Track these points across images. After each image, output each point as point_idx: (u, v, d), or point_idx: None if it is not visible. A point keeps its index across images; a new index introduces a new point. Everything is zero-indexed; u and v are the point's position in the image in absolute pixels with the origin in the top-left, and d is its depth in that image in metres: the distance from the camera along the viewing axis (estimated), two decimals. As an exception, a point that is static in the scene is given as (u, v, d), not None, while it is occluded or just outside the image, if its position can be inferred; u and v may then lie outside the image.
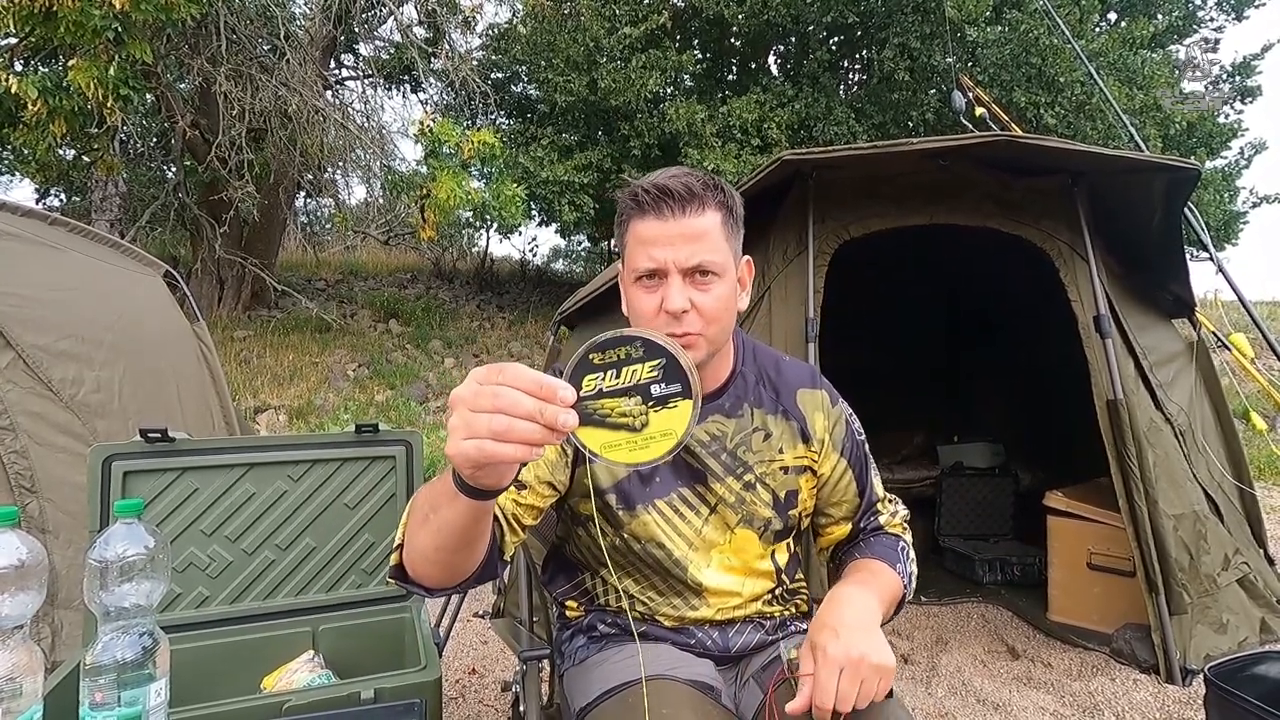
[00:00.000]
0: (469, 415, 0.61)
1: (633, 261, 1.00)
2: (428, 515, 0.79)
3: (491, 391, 0.60)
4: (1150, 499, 2.37)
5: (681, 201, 0.96)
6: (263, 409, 5.79)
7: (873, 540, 1.13)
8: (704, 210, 0.97)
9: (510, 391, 0.60)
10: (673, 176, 0.98)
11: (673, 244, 0.96)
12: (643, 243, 0.98)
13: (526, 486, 1.01)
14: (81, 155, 7.17)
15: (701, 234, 0.97)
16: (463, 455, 0.61)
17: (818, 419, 1.13)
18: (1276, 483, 5.30)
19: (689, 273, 0.97)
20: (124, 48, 4.73)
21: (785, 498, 1.11)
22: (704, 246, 0.97)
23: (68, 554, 1.68)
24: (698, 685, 1.02)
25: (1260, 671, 1.71)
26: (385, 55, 9.12)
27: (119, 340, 1.99)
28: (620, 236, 1.04)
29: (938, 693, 2.34)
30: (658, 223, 0.97)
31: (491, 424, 0.59)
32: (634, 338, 0.63)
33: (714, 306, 0.98)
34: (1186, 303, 2.87)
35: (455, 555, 0.81)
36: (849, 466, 1.14)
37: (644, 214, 0.98)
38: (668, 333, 0.94)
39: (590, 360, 0.61)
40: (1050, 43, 7.47)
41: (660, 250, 0.97)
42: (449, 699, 2.28)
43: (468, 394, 0.62)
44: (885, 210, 2.58)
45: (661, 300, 0.97)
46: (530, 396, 0.60)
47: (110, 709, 0.80)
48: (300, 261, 10.58)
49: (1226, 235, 9.87)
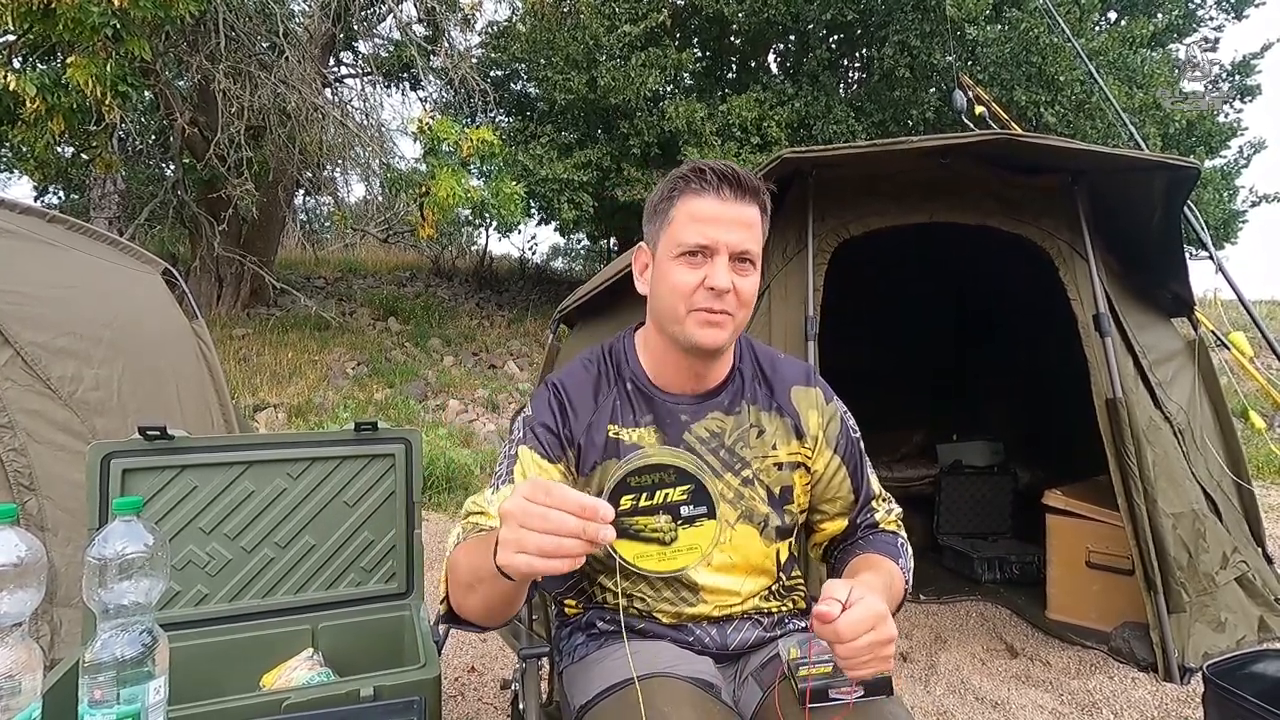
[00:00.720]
0: (520, 532, 0.70)
1: (680, 235, 1.02)
2: (473, 586, 0.87)
3: (540, 513, 0.69)
4: (1149, 498, 2.37)
5: (740, 189, 1.02)
6: (262, 407, 5.78)
7: (872, 537, 1.14)
8: (754, 202, 1.03)
9: (557, 514, 0.69)
10: (727, 166, 1.03)
11: (729, 226, 1.01)
12: (696, 219, 1.01)
13: None
14: (80, 153, 7.16)
15: (752, 223, 1.03)
16: (514, 568, 0.71)
17: (812, 416, 1.14)
18: (1275, 481, 5.31)
19: (736, 256, 1.02)
20: (123, 45, 4.72)
21: (780, 494, 1.12)
22: (752, 235, 1.03)
23: (66, 552, 1.68)
24: (697, 682, 1.02)
25: (1259, 670, 1.71)
26: (384, 53, 9.11)
27: (118, 338, 1.98)
28: (663, 211, 1.05)
29: (936, 691, 2.34)
30: (717, 202, 1.01)
31: (541, 543, 0.69)
32: (668, 466, 0.72)
33: (749, 293, 1.04)
34: (1186, 301, 2.88)
35: (505, 610, 0.91)
36: (843, 463, 1.15)
37: (702, 192, 1.01)
38: (705, 308, 1.00)
39: (628, 483, 0.71)
40: (1050, 41, 7.47)
41: (714, 229, 1.00)
42: (448, 697, 2.28)
43: (518, 511, 0.70)
44: (885, 208, 2.58)
45: (704, 277, 1.00)
46: (574, 517, 0.69)
47: (109, 706, 0.80)
48: (299, 259, 10.57)
49: (1226, 234, 9.88)
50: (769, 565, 1.14)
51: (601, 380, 1.12)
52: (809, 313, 2.43)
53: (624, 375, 1.12)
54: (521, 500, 0.70)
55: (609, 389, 1.11)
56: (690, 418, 1.09)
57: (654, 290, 1.08)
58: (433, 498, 4.53)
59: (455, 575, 0.93)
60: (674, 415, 1.09)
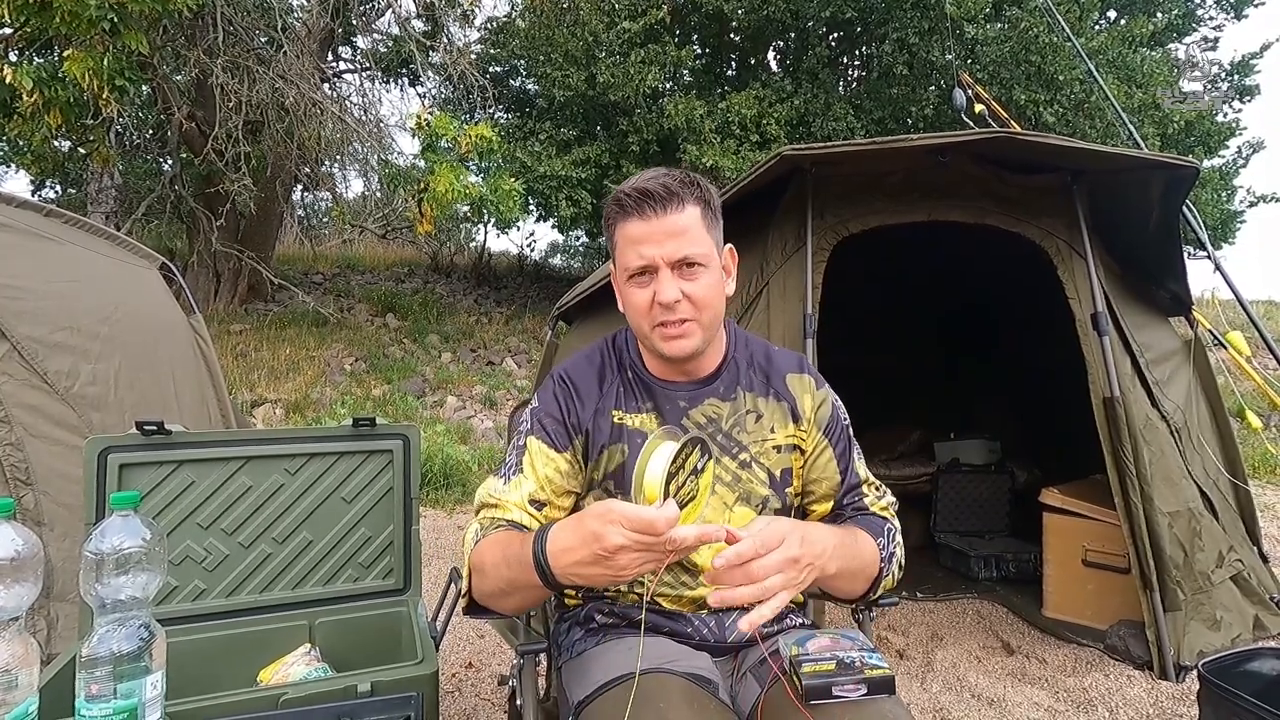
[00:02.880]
0: (612, 566, 0.81)
1: (624, 261, 1.06)
2: (509, 594, 0.96)
3: (636, 547, 0.78)
4: (1145, 496, 2.38)
5: (662, 201, 1.03)
6: (259, 403, 5.78)
7: (859, 518, 1.14)
8: (683, 206, 1.04)
9: (652, 540, 0.78)
10: (650, 179, 1.05)
11: (658, 241, 1.03)
12: (631, 242, 1.05)
13: (546, 504, 1.08)
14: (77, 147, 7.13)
15: (684, 229, 1.04)
16: (613, 583, 0.93)
17: (806, 400, 1.18)
18: (1270, 480, 5.33)
19: (676, 265, 1.04)
20: (120, 38, 4.69)
21: (781, 476, 1.14)
22: (687, 240, 1.04)
23: (63, 546, 1.67)
24: (695, 679, 1.02)
25: (1254, 668, 1.72)
26: (383, 48, 9.08)
27: (115, 333, 1.98)
28: (610, 240, 1.11)
29: (933, 688, 2.35)
30: (642, 223, 1.04)
31: (640, 568, 0.81)
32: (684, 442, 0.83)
33: (703, 294, 1.05)
34: (1184, 301, 2.88)
35: (537, 604, 1.04)
36: (830, 444, 1.17)
37: (628, 216, 1.05)
38: (661, 321, 1.05)
39: (671, 473, 0.81)
40: (1050, 40, 7.47)
41: (648, 248, 1.03)
42: (445, 693, 2.29)
43: (610, 547, 0.79)
44: (884, 206, 2.57)
45: (654, 294, 1.04)
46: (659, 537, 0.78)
47: (106, 701, 0.80)
48: (297, 255, 10.55)
49: (1224, 234, 9.90)
50: None
51: (605, 369, 1.17)
52: (808, 310, 2.42)
53: (625, 364, 1.17)
54: (633, 535, 0.78)
55: (612, 376, 1.16)
56: (688, 404, 1.13)
57: (624, 310, 1.12)
58: (430, 494, 4.53)
59: (485, 580, 0.98)
60: (673, 402, 1.13)
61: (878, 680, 0.96)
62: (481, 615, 1.03)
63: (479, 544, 1.01)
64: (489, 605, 1.01)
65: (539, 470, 1.09)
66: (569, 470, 1.10)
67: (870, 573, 1.05)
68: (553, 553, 0.85)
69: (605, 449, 1.11)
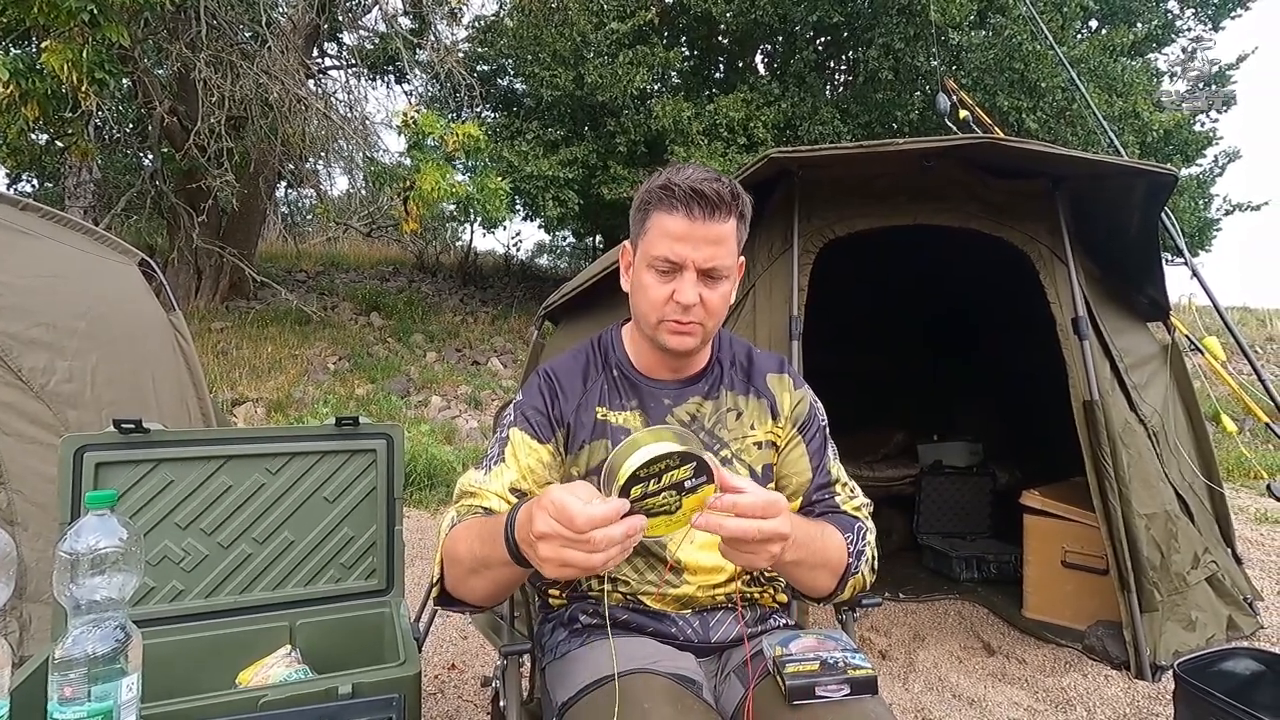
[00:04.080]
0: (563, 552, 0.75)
1: (652, 248, 1.05)
2: (478, 571, 0.93)
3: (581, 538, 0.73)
4: (1124, 498, 2.41)
5: (712, 207, 1.02)
6: (240, 401, 5.71)
7: (829, 515, 1.13)
8: (728, 217, 1.04)
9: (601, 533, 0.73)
10: (706, 180, 1.02)
11: (696, 244, 1.03)
12: (667, 235, 1.04)
13: (525, 494, 1.08)
14: (55, 140, 7.01)
15: (722, 239, 1.04)
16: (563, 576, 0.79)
17: (785, 398, 1.19)
18: (1245, 484, 5.43)
19: (702, 272, 1.04)
20: (100, 30, 4.61)
21: (762, 471, 1.15)
22: (721, 251, 1.04)
23: (37, 546, 1.64)
24: (678, 679, 1.02)
25: (1227, 667, 1.75)
26: (370, 45, 9.01)
27: (92, 329, 1.94)
28: (640, 220, 1.09)
29: (915, 688, 2.37)
30: (685, 220, 1.02)
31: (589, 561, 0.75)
32: (673, 453, 0.79)
33: (718, 304, 1.07)
34: (1162, 306, 2.93)
35: (509, 590, 0.99)
36: (804, 440, 1.18)
37: (673, 208, 1.03)
38: (674, 320, 1.06)
39: (637, 475, 0.78)
40: (1033, 48, 7.57)
41: (683, 247, 1.03)
42: (428, 694, 2.27)
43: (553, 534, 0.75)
44: (870, 210, 2.59)
45: (673, 291, 1.04)
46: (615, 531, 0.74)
47: (80, 704, 0.78)
48: (280, 252, 10.44)
49: (1200, 241, 10.07)
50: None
51: (590, 367, 1.18)
52: (793, 312, 2.44)
53: (611, 362, 1.18)
54: (554, 524, 0.74)
55: (597, 374, 1.17)
56: (672, 401, 1.14)
57: (633, 292, 1.12)
58: (414, 494, 4.50)
59: (456, 560, 0.97)
60: (657, 399, 1.14)
61: (861, 680, 0.97)
62: (452, 607, 1.02)
63: (454, 529, 1.00)
64: (460, 593, 0.99)
65: (521, 460, 1.09)
66: (551, 462, 1.11)
67: (835, 568, 1.03)
68: (519, 521, 0.83)
69: (586, 444, 1.11)
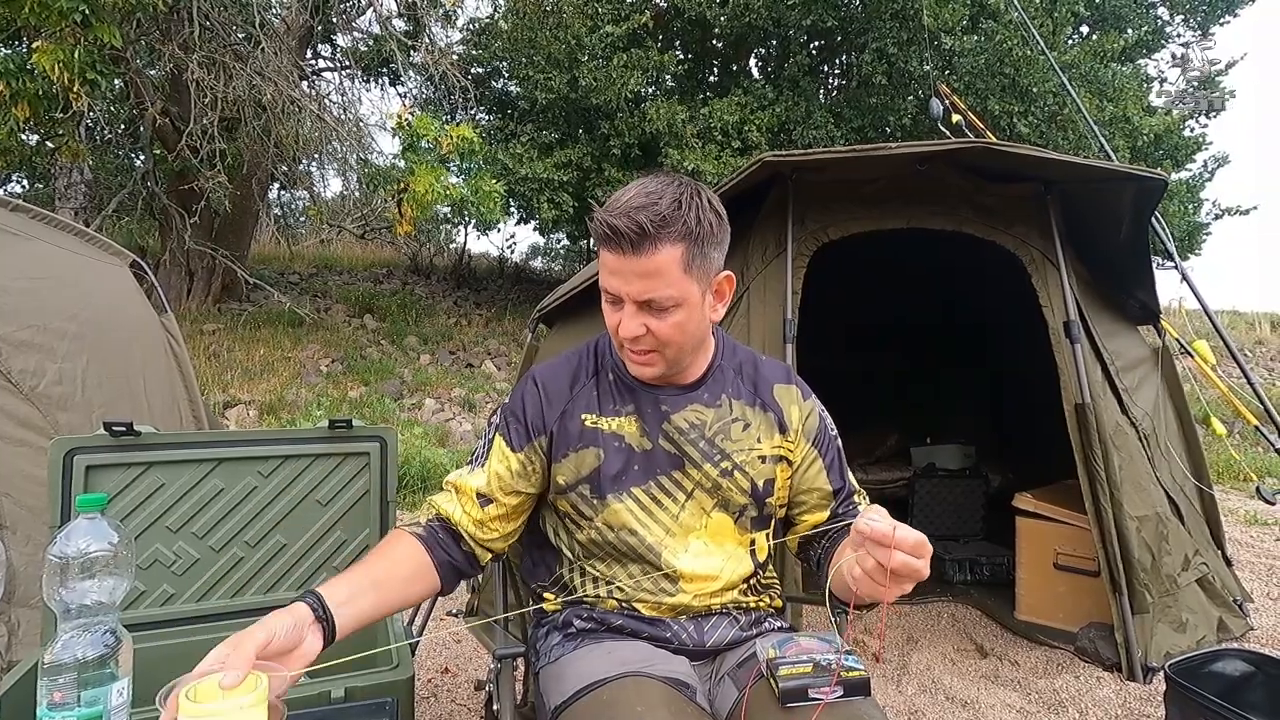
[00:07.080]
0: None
1: (601, 280, 1.05)
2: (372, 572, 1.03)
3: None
4: (1115, 501, 2.43)
5: (632, 243, 0.96)
6: (232, 404, 5.67)
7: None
8: (657, 249, 0.97)
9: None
10: (638, 208, 0.96)
11: (627, 278, 1.00)
12: (605, 268, 1.03)
13: (492, 501, 1.10)
14: (46, 140, 6.95)
15: (653, 272, 0.98)
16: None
17: (794, 411, 1.18)
18: (1235, 486, 5.46)
19: (640, 304, 1.01)
20: (92, 30, 4.59)
21: (763, 486, 1.14)
22: (656, 283, 0.98)
23: (26, 550, 1.63)
24: (673, 683, 1.02)
25: (1218, 669, 1.76)
26: (364, 47, 8.99)
27: (83, 331, 1.93)
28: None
29: (908, 690, 2.37)
30: (614, 256, 1.00)
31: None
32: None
33: (669, 332, 1.02)
34: (1152, 310, 2.94)
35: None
36: (819, 455, 1.18)
37: (605, 240, 1.00)
38: (629, 349, 1.05)
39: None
40: (1024, 54, 7.62)
41: (618, 281, 1.01)
42: (421, 698, 2.26)
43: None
44: (863, 213, 2.60)
45: (620, 321, 1.03)
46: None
47: (70, 709, 0.78)
48: (273, 254, 10.40)
49: (1190, 245, 10.15)
50: (745, 552, 1.16)
51: (580, 371, 1.17)
52: (787, 315, 2.44)
53: (606, 366, 1.16)
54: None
55: (586, 379, 1.16)
56: (670, 408, 1.13)
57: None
58: (408, 497, 4.48)
59: (377, 551, 1.06)
60: (654, 405, 1.12)
61: (854, 682, 0.97)
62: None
63: (397, 530, 1.09)
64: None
65: (493, 465, 1.11)
66: (519, 470, 1.11)
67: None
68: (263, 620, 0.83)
69: (573, 452, 1.10)
